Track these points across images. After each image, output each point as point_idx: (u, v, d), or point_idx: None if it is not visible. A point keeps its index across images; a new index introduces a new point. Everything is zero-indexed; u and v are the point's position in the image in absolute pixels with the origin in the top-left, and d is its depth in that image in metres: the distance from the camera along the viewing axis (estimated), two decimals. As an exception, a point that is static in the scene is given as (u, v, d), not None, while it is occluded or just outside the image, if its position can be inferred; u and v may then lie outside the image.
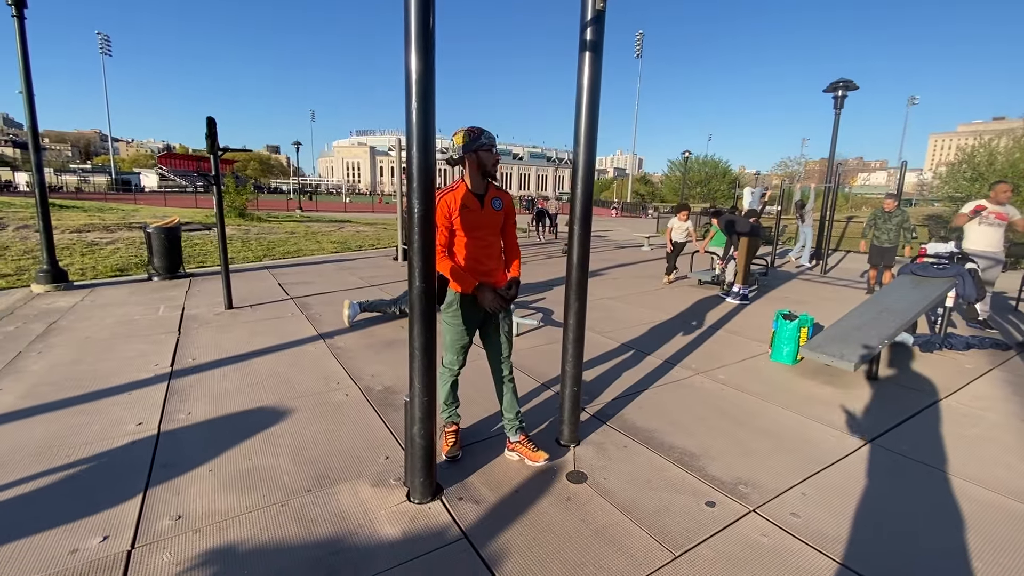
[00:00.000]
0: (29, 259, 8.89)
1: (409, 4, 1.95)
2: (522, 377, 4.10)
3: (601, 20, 2.56)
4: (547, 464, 2.82)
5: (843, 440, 3.20)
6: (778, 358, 4.59)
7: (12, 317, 5.70)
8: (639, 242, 15.95)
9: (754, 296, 7.64)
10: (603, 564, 2.09)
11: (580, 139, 2.73)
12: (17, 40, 6.87)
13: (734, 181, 63.27)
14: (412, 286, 2.26)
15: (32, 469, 2.69)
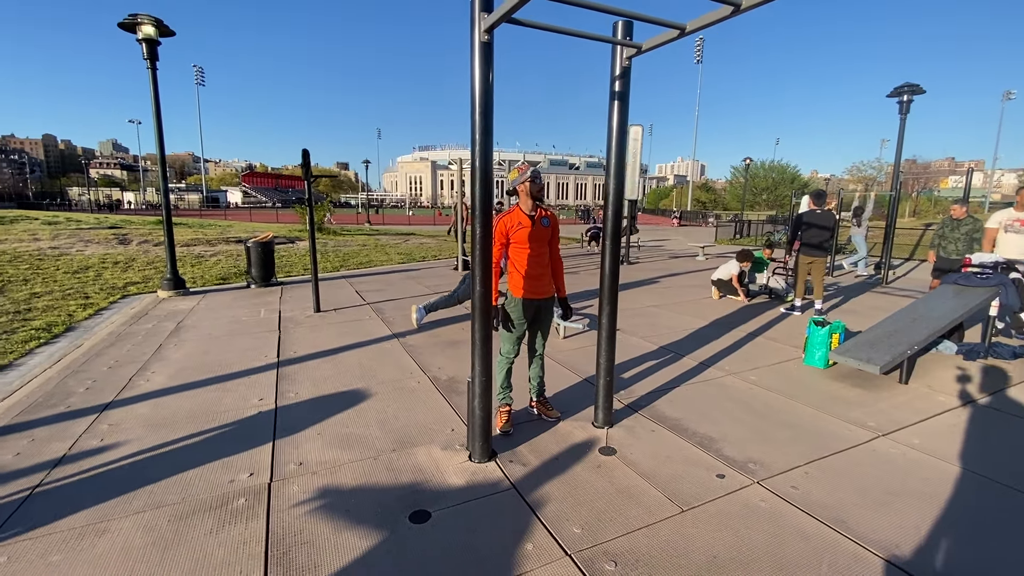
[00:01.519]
0: (152, 269, 10.49)
1: (474, 89, 2.64)
2: (565, 372, 4.67)
3: (627, 75, 3.13)
4: (567, 426, 3.38)
5: (856, 433, 3.53)
6: (810, 362, 4.86)
7: (147, 317, 6.95)
8: (694, 252, 16.00)
9: (804, 306, 7.75)
10: (623, 512, 2.63)
11: (611, 170, 3.30)
12: (151, 87, 8.30)
13: (804, 187, 60.50)
14: (474, 290, 2.92)
15: (190, 429, 3.58)
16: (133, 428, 3.55)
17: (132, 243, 13.34)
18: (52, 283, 8.50)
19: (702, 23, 2.50)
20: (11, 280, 8.37)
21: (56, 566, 2.23)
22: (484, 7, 2.59)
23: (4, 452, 3.21)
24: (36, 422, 3.65)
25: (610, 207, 3.35)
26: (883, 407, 3.95)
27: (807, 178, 70.42)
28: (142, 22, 7.69)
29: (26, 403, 3.99)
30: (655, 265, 13.04)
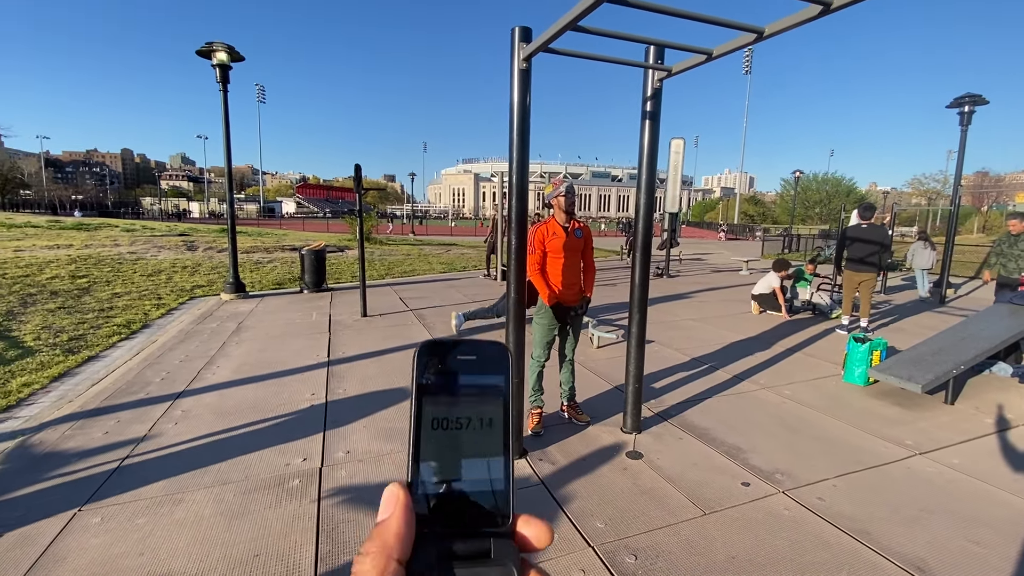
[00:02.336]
0: (215, 274, 11.31)
1: (512, 111, 2.88)
2: (597, 380, 4.80)
3: (658, 96, 3.30)
4: (596, 430, 3.51)
5: (892, 450, 3.49)
6: (850, 379, 4.79)
7: (212, 317, 7.56)
8: (737, 266, 15.67)
9: (852, 323, 7.52)
10: (645, 512, 2.75)
11: (642, 185, 3.46)
12: (222, 107, 9.07)
13: (860, 200, 57.61)
14: (509, 296, 3.14)
15: (251, 417, 3.95)
16: (202, 415, 3.95)
17: (198, 249, 14.39)
18: (130, 284, 9.35)
19: (728, 48, 2.65)
20: (96, 281, 9.27)
21: (141, 528, 2.58)
22: (523, 38, 2.83)
23: (95, 431, 3.66)
24: (120, 406, 4.12)
25: (641, 221, 3.50)
26: (923, 426, 3.87)
27: (864, 191, 67.16)
28: (217, 49, 8.45)
29: (111, 390, 4.49)
30: (695, 279, 12.89)
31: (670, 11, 2.19)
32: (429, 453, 0.31)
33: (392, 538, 0.28)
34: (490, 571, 0.30)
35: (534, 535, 0.31)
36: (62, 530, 2.54)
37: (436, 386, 0.32)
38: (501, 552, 0.30)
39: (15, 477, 3.03)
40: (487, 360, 0.33)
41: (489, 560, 0.30)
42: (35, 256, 11.00)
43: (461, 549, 0.30)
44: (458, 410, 0.32)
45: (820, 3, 2.09)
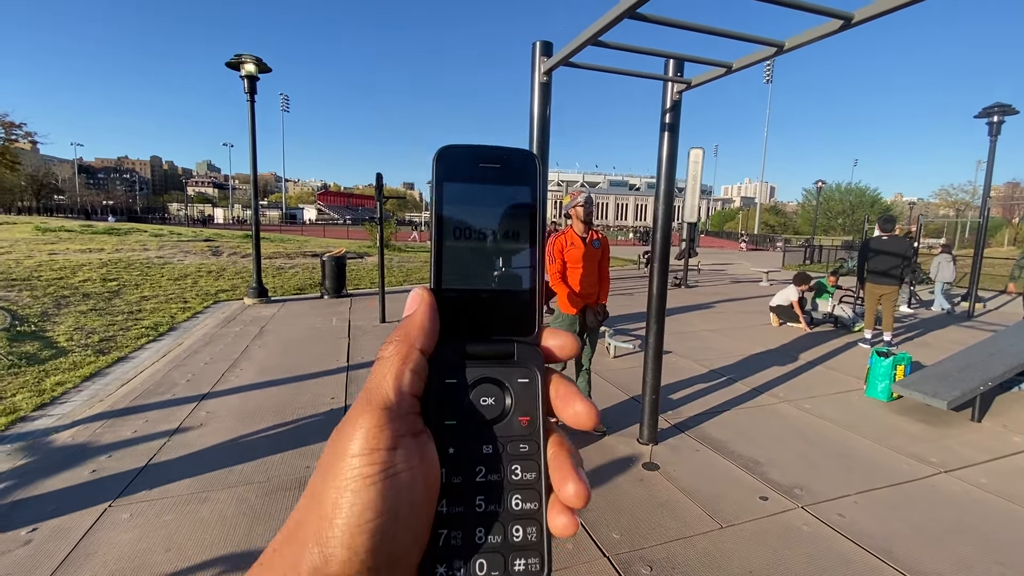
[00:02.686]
0: (239, 279, 11.58)
1: (532, 123, 2.93)
2: (613, 390, 4.79)
3: (677, 108, 3.32)
4: (612, 440, 3.51)
5: (915, 467, 3.41)
6: (872, 394, 4.69)
7: (235, 321, 7.74)
8: (757, 277, 15.47)
9: (875, 337, 7.37)
10: (661, 523, 2.74)
11: (660, 195, 3.48)
12: (249, 117, 9.33)
13: (885, 211, 56.32)
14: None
15: (273, 420, 4.04)
16: (226, 416, 4.05)
17: (223, 255, 14.76)
18: (158, 288, 9.63)
19: (748, 62, 2.67)
20: (126, 284, 9.58)
21: (168, 524, 2.66)
22: (544, 52, 2.89)
23: (125, 429, 3.79)
24: (148, 406, 4.25)
25: (659, 231, 3.51)
26: (949, 444, 3.78)
27: (889, 202, 65.77)
28: (245, 61, 8.72)
29: (140, 390, 4.64)
30: (714, 289, 12.76)
31: (691, 26, 2.22)
32: (452, 262, 0.30)
33: (415, 330, 0.28)
34: (512, 371, 0.30)
35: (558, 345, 0.31)
36: (93, 524, 2.64)
37: (457, 194, 0.30)
38: (524, 355, 0.30)
39: (49, 472, 3.15)
40: (513, 168, 0.31)
41: (512, 361, 0.30)
42: (68, 259, 11.40)
43: (484, 349, 0.30)
44: (481, 220, 0.30)
45: (841, 18, 2.10)
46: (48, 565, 2.34)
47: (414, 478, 0.25)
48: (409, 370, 0.27)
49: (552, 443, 0.29)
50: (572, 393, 0.29)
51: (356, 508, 0.23)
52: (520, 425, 0.29)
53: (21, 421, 3.92)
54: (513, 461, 0.28)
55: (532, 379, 0.29)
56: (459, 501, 0.28)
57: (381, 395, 0.26)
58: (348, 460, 0.24)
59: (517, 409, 0.29)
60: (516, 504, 0.28)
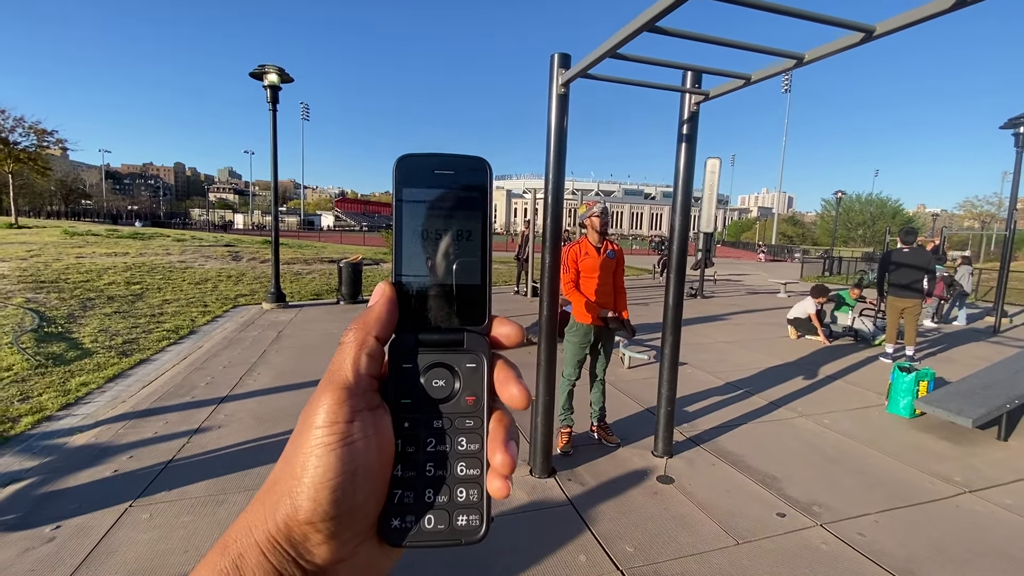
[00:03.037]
0: (258, 284, 11.77)
1: (550, 133, 2.96)
2: (628, 401, 4.75)
3: (695, 119, 3.32)
4: (626, 452, 3.48)
5: (939, 486, 3.32)
6: (894, 410, 4.59)
7: (254, 326, 7.86)
8: (774, 288, 15.26)
9: (897, 352, 7.21)
10: (676, 538, 2.71)
11: (677, 206, 3.47)
12: (271, 125, 9.51)
13: (907, 222, 55.20)
14: (541, 314, 3.18)
15: (290, 424, 4.08)
16: (244, 419, 4.11)
17: (243, 260, 15.04)
18: (179, 292, 9.84)
19: (767, 74, 2.66)
20: (148, 288, 9.81)
21: (186, 526, 2.70)
22: (562, 64, 2.92)
23: (146, 431, 3.86)
24: (169, 408, 4.33)
25: (675, 241, 3.50)
26: (974, 463, 3.67)
27: (912, 213, 64.50)
28: (268, 71, 8.93)
29: (160, 392, 4.73)
30: (731, 300, 12.61)
31: (709, 39, 2.23)
32: (411, 258, 0.33)
33: (372, 320, 0.32)
34: (462, 356, 0.33)
35: (505, 333, 0.34)
36: (114, 524, 2.69)
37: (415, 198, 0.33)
38: (473, 343, 0.33)
39: (73, 471, 3.22)
40: (465, 174, 0.34)
41: (461, 348, 0.33)
42: (95, 263, 11.71)
43: (436, 338, 0.33)
44: (437, 221, 0.33)
45: (862, 30, 2.09)
46: (70, 563, 2.39)
47: (369, 446, 0.29)
48: (365, 354, 0.31)
49: (494, 419, 0.33)
50: (510, 378, 0.33)
51: (319, 469, 0.28)
52: (467, 403, 0.33)
53: (47, 420, 4.02)
54: (459, 434, 0.32)
55: (479, 364, 0.33)
56: (412, 467, 0.32)
57: (341, 376, 0.30)
58: (313, 431, 0.28)
59: (465, 390, 0.33)
60: (460, 470, 0.32)
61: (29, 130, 23.93)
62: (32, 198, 55.38)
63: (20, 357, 5.30)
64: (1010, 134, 11.00)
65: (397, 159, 0.33)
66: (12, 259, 11.29)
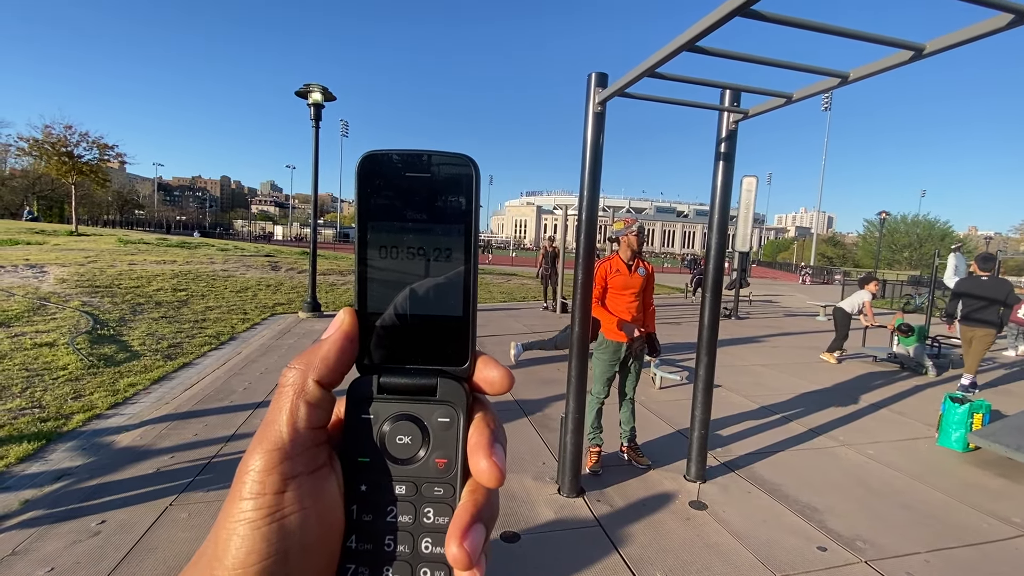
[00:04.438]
0: (295, 293, 12.13)
1: (585, 152, 2.98)
2: (659, 423, 4.65)
3: (733, 137, 3.28)
4: (657, 475, 3.38)
5: (996, 527, 3.11)
6: (945, 443, 4.33)
7: (290, 334, 8.09)
8: (813, 310, 14.73)
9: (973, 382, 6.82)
10: (710, 567, 2.62)
11: (713, 225, 3.42)
12: (313, 141, 9.88)
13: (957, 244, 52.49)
14: (572, 331, 3.17)
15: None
16: (278, 425, 4.22)
17: (281, 270, 15.54)
18: (221, 299, 10.23)
19: (809, 92, 2.62)
20: (193, 295, 10.23)
21: (221, 527, 2.77)
22: (599, 83, 2.95)
23: (187, 432, 4.01)
24: (208, 411, 4.48)
25: (712, 260, 3.44)
26: (1036, 503, 3.42)
27: (962, 235, 61.43)
28: (312, 90, 9.31)
29: (201, 395, 4.90)
30: (766, 322, 12.24)
31: (750, 59, 2.22)
32: (377, 282, 0.28)
33: (318, 360, 0.27)
34: (433, 408, 0.28)
35: (489, 379, 0.29)
36: (155, 521, 2.79)
37: (382, 208, 0.28)
38: (447, 392, 0.28)
39: (118, 468, 3.37)
40: (446, 177, 0.28)
41: (433, 399, 0.28)
42: (145, 270, 12.32)
43: (403, 384, 0.28)
44: (409, 236, 0.28)
45: (911, 48, 2.04)
46: (114, 556, 2.49)
47: (306, 518, 0.25)
48: (304, 403, 0.26)
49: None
50: (483, 444, 0.27)
51: (241, 552, 0.24)
52: (436, 467, 0.28)
53: (97, 418, 4.22)
54: (426, 503, 0.27)
55: (453, 419, 0.28)
56: (368, 538, 0.27)
57: (275, 433, 0.26)
58: (238, 503, 0.25)
59: (435, 450, 0.28)
60: (426, 547, 0.27)
61: (93, 144, 25.57)
62: (91, 208, 58.96)
63: (75, 357, 5.60)
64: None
65: (361, 157, 0.28)
66: (72, 264, 11.99)
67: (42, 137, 24.39)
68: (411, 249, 0.28)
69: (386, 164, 0.28)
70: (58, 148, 24.39)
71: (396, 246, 0.28)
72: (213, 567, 0.24)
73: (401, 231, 0.28)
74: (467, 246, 0.28)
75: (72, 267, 11.63)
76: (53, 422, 4.02)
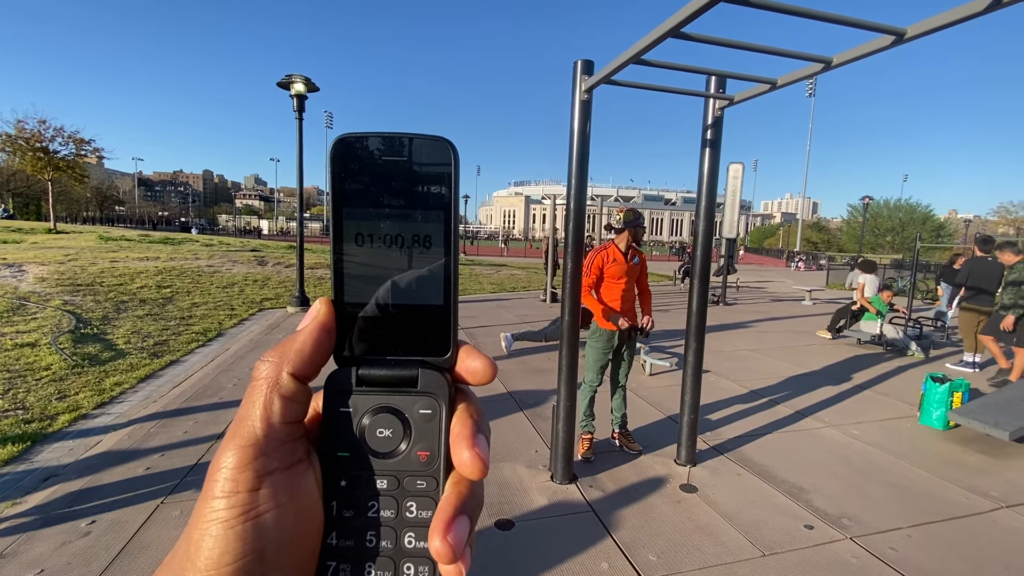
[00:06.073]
0: (282, 288, 12.01)
1: (572, 140, 2.97)
2: (649, 409, 4.71)
3: (719, 124, 3.30)
4: (648, 460, 3.44)
5: (975, 501, 3.21)
6: (927, 422, 4.44)
7: (279, 329, 8.02)
8: (799, 295, 14.95)
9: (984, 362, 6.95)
10: (699, 548, 2.67)
11: (700, 212, 3.44)
12: (297, 133, 9.73)
13: (939, 228, 53.49)
14: (563, 320, 3.19)
15: (312, 425, 4.15)
16: (269, 421, 4.20)
17: (268, 264, 15.36)
18: (207, 296, 10.10)
19: (794, 78, 2.64)
20: (178, 291, 10.09)
21: (214, 523, 2.77)
22: (585, 70, 2.94)
23: (176, 429, 3.97)
24: (197, 408, 4.45)
25: (699, 247, 3.47)
26: (1011, 477, 3.53)
27: (943, 219, 62.56)
28: (295, 81, 9.15)
29: (189, 392, 4.86)
30: (754, 307, 12.40)
31: (735, 44, 2.22)
32: (354, 271, 0.27)
33: (292, 352, 0.26)
34: (414, 400, 0.27)
35: (472, 369, 0.28)
36: (146, 520, 2.77)
37: (358, 193, 0.27)
38: (429, 383, 0.28)
39: (107, 468, 3.33)
40: (424, 161, 0.27)
41: (414, 390, 0.28)
42: (128, 267, 12.11)
43: (383, 375, 0.27)
44: (387, 223, 0.27)
45: (893, 33, 2.06)
46: (105, 557, 2.47)
47: (283, 515, 0.24)
48: (279, 397, 0.25)
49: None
50: (465, 435, 0.27)
51: (215, 552, 0.23)
52: (418, 460, 0.27)
53: (83, 419, 4.17)
54: (409, 497, 0.27)
55: (434, 410, 0.27)
56: (349, 535, 0.26)
57: (248, 429, 0.25)
58: (211, 502, 0.24)
59: (416, 443, 0.27)
60: (409, 542, 0.26)
61: (68, 139, 24.95)
62: (69, 204, 57.67)
63: (58, 357, 5.51)
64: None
65: (334, 141, 0.27)
66: (51, 263, 11.75)
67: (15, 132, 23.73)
68: (389, 236, 0.27)
69: (361, 148, 0.27)
70: (32, 143, 23.77)
71: (373, 233, 0.27)
72: (184, 568, 0.23)
73: (378, 217, 0.27)
74: (447, 233, 0.28)
75: (52, 265, 11.40)
76: (38, 423, 3.96)
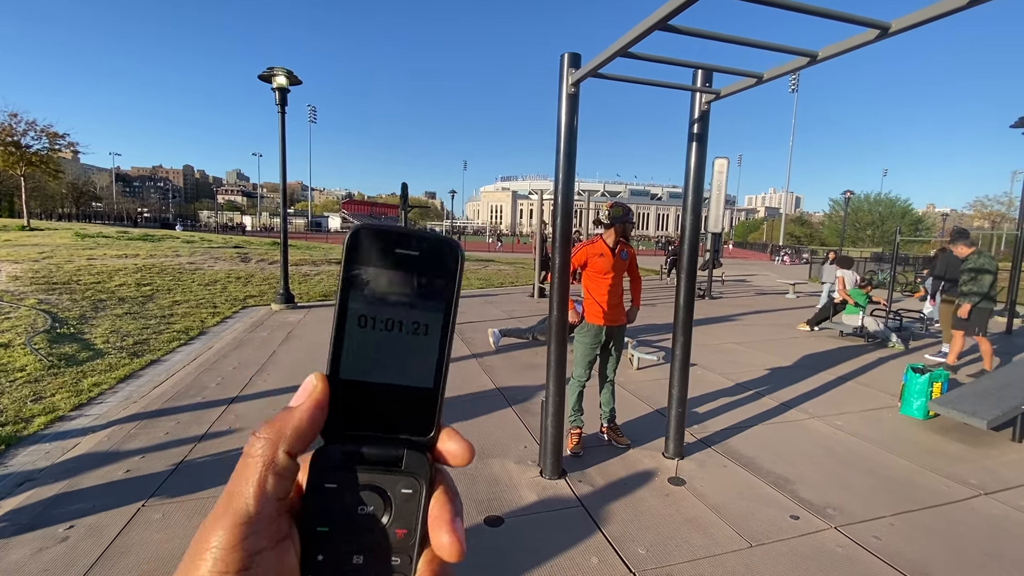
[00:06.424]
0: (267, 285, 11.84)
1: (559, 134, 2.95)
2: (637, 403, 4.73)
3: (706, 118, 3.30)
4: (636, 454, 3.45)
5: (954, 489, 3.28)
6: (907, 412, 4.53)
7: (263, 326, 7.90)
8: (783, 288, 15.16)
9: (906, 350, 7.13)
10: (688, 540, 2.69)
11: (687, 206, 3.45)
12: (279, 127, 9.56)
13: (917, 222, 54.62)
14: (551, 315, 3.17)
15: (298, 424, 4.10)
16: (254, 420, 4.13)
17: (251, 261, 15.12)
18: (189, 293, 9.91)
19: (779, 72, 2.64)
20: (159, 289, 9.88)
21: (198, 526, 2.71)
22: (572, 64, 2.91)
23: (157, 431, 3.89)
24: (180, 408, 4.36)
25: (686, 241, 3.48)
26: (989, 464, 3.62)
27: (921, 213, 63.88)
28: (276, 73, 8.98)
29: (171, 392, 4.76)
30: (739, 301, 12.54)
31: (722, 37, 2.22)
32: (353, 350, 0.29)
33: (290, 430, 0.27)
34: (397, 479, 0.28)
35: (451, 451, 0.29)
36: (127, 524, 2.71)
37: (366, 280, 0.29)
38: (412, 463, 0.29)
39: (86, 471, 3.25)
40: (431, 258, 0.29)
41: (398, 469, 0.28)
42: (105, 265, 11.83)
43: (370, 454, 0.28)
44: (390, 310, 0.29)
45: (877, 27, 2.07)
46: (84, 563, 2.41)
47: None
48: (273, 475, 0.26)
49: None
50: (444, 519, 0.27)
51: None
52: (396, 537, 0.28)
53: (60, 420, 4.06)
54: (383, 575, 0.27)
55: (415, 490, 0.28)
56: None
57: (241, 505, 0.25)
58: None
59: (395, 521, 0.28)
60: None
61: (41, 133, 24.23)
62: (44, 201, 56.08)
63: (33, 358, 5.36)
64: (1020, 133, 10.87)
65: (352, 230, 0.29)
66: (25, 261, 11.42)
67: (-15, 126, 23.00)
68: (391, 321, 0.29)
69: (378, 237, 0.29)
70: (3, 138, 23.04)
71: (376, 316, 0.29)
72: None
73: (383, 304, 0.29)
74: (445, 322, 0.29)
75: (26, 263, 11.09)
76: (12, 426, 3.84)
